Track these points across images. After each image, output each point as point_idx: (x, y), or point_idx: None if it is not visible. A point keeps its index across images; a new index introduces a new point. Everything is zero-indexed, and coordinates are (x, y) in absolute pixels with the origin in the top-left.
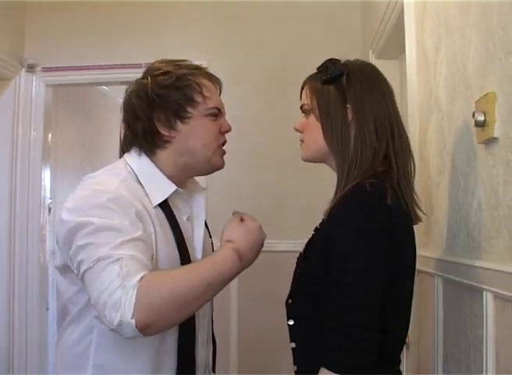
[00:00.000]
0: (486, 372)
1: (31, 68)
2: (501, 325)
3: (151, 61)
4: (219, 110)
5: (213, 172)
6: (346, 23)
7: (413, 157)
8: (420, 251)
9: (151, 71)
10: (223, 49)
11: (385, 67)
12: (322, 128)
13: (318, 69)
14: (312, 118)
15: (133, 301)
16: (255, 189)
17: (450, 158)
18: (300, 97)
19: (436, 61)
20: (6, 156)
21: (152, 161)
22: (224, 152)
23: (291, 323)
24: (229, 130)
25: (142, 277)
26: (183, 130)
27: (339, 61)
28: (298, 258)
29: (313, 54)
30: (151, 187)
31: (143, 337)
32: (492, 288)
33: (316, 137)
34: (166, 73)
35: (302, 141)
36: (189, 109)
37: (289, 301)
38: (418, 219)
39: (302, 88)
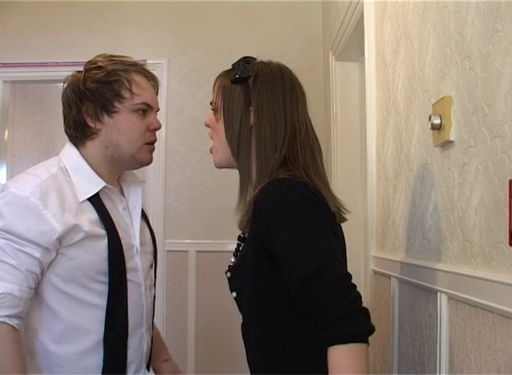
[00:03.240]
0: (440, 372)
1: None
2: (454, 326)
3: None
4: (149, 106)
5: (141, 167)
6: (307, 25)
7: (322, 162)
8: (376, 253)
9: (87, 65)
10: (183, 48)
11: (345, 69)
12: (224, 127)
13: (232, 65)
14: (218, 116)
15: None
16: (213, 189)
17: (407, 161)
18: (213, 91)
19: (395, 64)
20: None
21: (83, 155)
22: (152, 149)
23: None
24: (157, 128)
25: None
26: (109, 123)
27: (254, 60)
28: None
29: (274, 54)
30: (80, 183)
31: None
32: (446, 290)
33: (221, 136)
34: (99, 67)
35: (211, 138)
36: (116, 104)
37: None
38: (343, 218)
39: (214, 83)
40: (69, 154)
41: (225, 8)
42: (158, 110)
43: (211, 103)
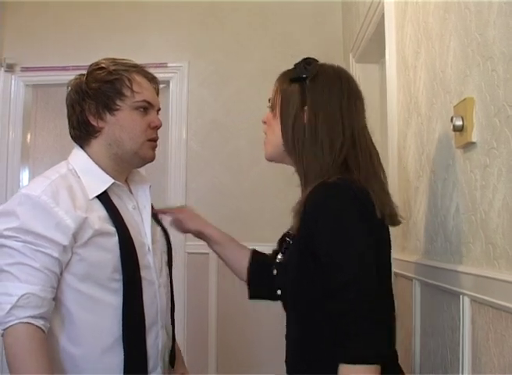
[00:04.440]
0: (462, 374)
1: (10, 68)
2: (477, 328)
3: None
4: (150, 104)
5: (144, 164)
6: (327, 26)
7: (381, 165)
8: (398, 255)
9: (90, 67)
10: (204, 51)
11: (366, 71)
12: (280, 125)
13: (294, 65)
14: (274, 113)
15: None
16: (235, 191)
17: (429, 162)
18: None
19: (416, 66)
20: None
21: (89, 155)
22: (155, 146)
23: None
24: (158, 126)
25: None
26: (111, 121)
27: (315, 61)
28: (276, 274)
29: (294, 57)
30: (90, 181)
31: None
32: (468, 292)
33: (276, 134)
34: (101, 68)
35: (265, 133)
36: (117, 102)
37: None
38: (398, 222)
39: (276, 82)
40: (77, 156)
41: (244, 10)
42: (159, 109)
43: (269, 100)
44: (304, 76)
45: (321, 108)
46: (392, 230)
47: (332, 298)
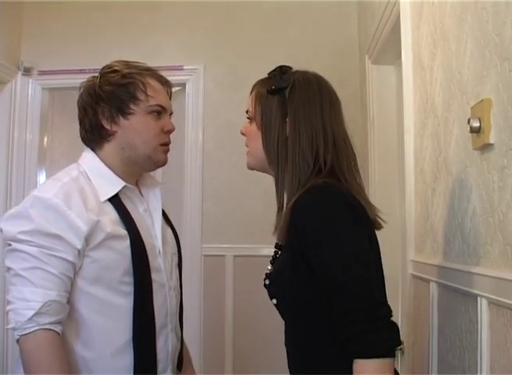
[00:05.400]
0: None
1: (27, 71)
2: (495, 331)
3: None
4: (163, 108)
5: (156, 168)
6: (342, 28)
7: (358, 170)
8: (414, 257)
9: (103, 70)
10: (220, 53)
11: (382, 73)
12: (262, 138)
13: (268, 75)
14: (254, 125)
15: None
16: (252, 192)
17: (446, 164)
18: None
19: (432, 67)
20: (2, 159)
21: (101, 158)
22: (167, 150)
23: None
24: (171, 130)
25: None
26: (125, 124)
27: (289, 69)
28: (268, 284)
29: (310, 59)
30: (101, 184)
31: None
32: (486, 294)
33: (257, 145)
34: (114, 71)
35: (247, 145)
36: (131, 106)
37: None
38: (380, 226)
39: (251, 92)
40: (87, 158)
41: (260, 12)
42: (172, 113)
43: (246, 111)
44: (282, 86)
45: (302, 118)
46: (409, 232)
47: (332, 299)
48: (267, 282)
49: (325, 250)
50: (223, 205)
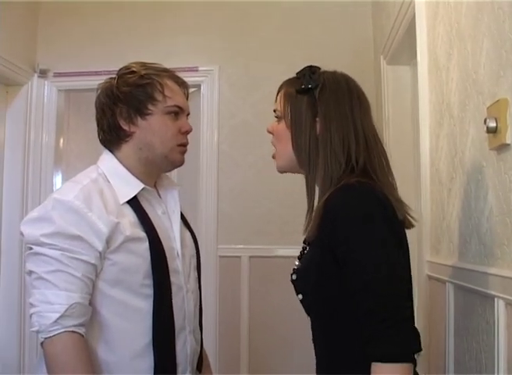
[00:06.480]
0: None
1: (43, 73)
2: None
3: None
4: (180, 109)
5: (173, 168)
6: (357, 28)
7: (391, 170)
8: (431, 258)
9: (120, 71)
10: (235, 54)
11: (397, 73)
12: (292, 138)
13: (297, 74)
14: (283, 125)
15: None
16: (267, 193)
17: (462, 164)
18: (276, 99)
19: (448, 67)
20: (18, 161)
21: (119, 159)
22: (185, 150)
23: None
24: (189, 131)
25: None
26: (143, 125)
27: (318, 69)
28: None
29: (324, 59)
30: (120, 186)
31: None
32: (503, 295)
33: (286, 146)
34: (132, 72)
35: (274, 145)
36: (149, 106)
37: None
38: (410, 224)
39: (278, 91)
40: (106, 160)
41: (274, 12)
42: (189, 114)
43: (274, 111)
44: (312, 86)
45: (333, 118)
46: (424, 233)
47: (357, 297)
48: (294, 277)
49: (354, 247)
50: (238, 206)
